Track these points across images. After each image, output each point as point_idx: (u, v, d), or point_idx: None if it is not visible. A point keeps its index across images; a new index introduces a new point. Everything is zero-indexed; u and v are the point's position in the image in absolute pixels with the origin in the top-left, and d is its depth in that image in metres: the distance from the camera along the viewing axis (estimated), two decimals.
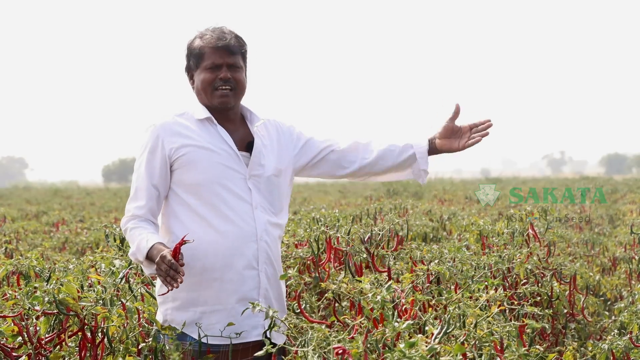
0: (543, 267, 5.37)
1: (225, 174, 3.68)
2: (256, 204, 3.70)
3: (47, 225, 11.83)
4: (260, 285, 3.67)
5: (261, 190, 3.75)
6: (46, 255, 7.44)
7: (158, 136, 3.69)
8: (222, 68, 3.69)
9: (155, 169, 3.68)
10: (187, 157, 3.66)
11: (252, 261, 3.65)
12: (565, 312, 5.22)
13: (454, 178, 46.91)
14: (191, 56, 3.77)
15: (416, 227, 8.05)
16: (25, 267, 4.18)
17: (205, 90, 3.72)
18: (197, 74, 3.75)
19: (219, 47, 3.69)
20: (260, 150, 3.78)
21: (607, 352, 3.70)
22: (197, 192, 3.66)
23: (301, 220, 5.97)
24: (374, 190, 25.45)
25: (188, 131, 3.70)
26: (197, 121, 3.74)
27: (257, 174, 3.74)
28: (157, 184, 3.68)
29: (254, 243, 3.65)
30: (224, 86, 3.70)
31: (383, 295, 2.93)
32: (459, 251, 4.21)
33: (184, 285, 3.55)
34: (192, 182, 3.67)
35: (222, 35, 3.72)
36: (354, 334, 2.95)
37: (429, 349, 2.43)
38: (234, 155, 3.71)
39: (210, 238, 3.62)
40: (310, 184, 44.08)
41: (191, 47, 3.77)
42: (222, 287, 3.60)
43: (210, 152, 3.68)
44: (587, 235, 9.42)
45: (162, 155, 3.67)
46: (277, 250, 3.79)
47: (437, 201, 16.75)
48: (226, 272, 3.59)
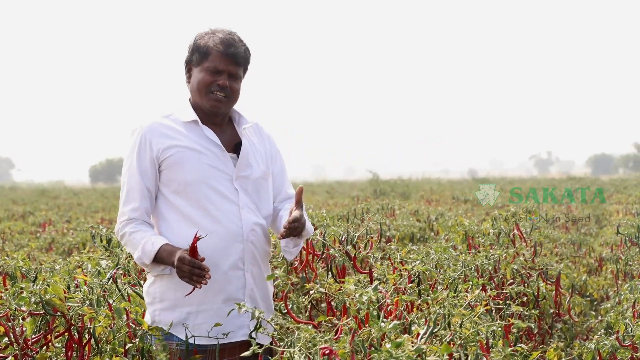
0: (529, 267, 5.39)
1: (212, 175, 3.67)
2: (243, 204, 3.70)
3: (34, 226, 11.80)
4: (246, 285, 3.67)
5: (248, 191, 3.74)
6: (32, 255, 7.41)
7: (145, 137, 3.68)
8: (223, 75, 3.68)
9: (146, 169, 3.68)
10: (174, 158, 3.66)
11: (237, 261, 3.65)
12: (552, 312, 5.24)
13: (441, 178, 47.00)
14: (196, 51, 3.73)
15: (403, 227, 8.07)
16: (11, 268, 4.16)
17: (200, 91, 3.71)
18: (197, 71, 3.73)
19: (228, 54, 3.67)
20: (248, 151, 3.78)
21: (594, 352, 3.72)
22: (184, 193, 3.66)
23: None
24: (360, 190, 25.50)
25: (175, 132, 3.70)
26: (183, 123, 3.74)
27: (245, 175, 3.74)
28: (149, 185, 3.68)
29: (240, 243, 3.65)
30: (220, 92, 3.68)
31: (369, 296, 2.94)
32: (446, 251, 4.21)
33: (171, 285, 3.59)
34: (179, 182, 3.66)
35: (234, 42, 3.70)
36: (339, 335, 2.95)
37: (415, 349, 2.43)
38: (222, 156, 3.71)
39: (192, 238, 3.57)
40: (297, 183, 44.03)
41: (199, 42, 3.73)
42: (208, 287, 3.55)
43: (197, 153, 3.67)
44: (574, 235, 9.45)
45: (151, 156, 3.67)
46: (264, 250, 3.78)
47: (425, 201, 16.78)
48: (212, 273, 3.54)
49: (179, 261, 3.41)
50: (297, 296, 4.67)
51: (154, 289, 3.69)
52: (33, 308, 3.30)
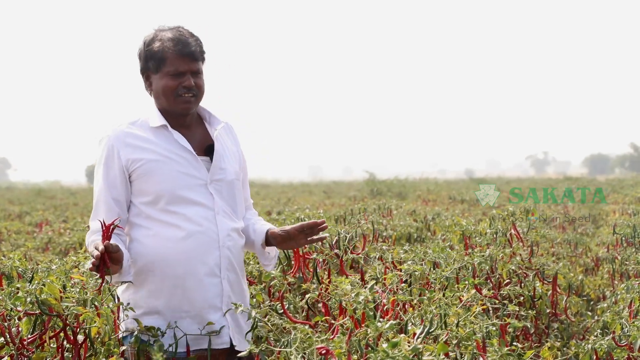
0: (526, 267, 5.39)
1: (185, 182, 3.57)
2: (218, 209, 3.61)
3: (30, 226, 11.78)
4: (223, 292, 3.58)
5: (223, 195, 3.66)
6: (29, 255, 7.40)
7: (113, 147, 3.58)
8: (186, 75, 3.57)
9: (115, 181, 3.57)
10: (144, 168, 3.55)
11: (214, 268, 3.56)
12: (548, 312, 5.24)
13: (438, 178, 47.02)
14: (151, 59, 3.60)
15: (400, 227, 8.06)
16: (8, 268, 4.16)
17: (167, 97, 3.59)
18: (157, 78, 3.60)
19: (184, 54, 3.56)
20: (222, 154, 3.69)
21: (590, 352, 3.72)
22: (157, 202, 3.56)
23: (285, 220, 5.97)
24: (357, 190, 25.50)
25: (143, 141, 3.59)
26: (152, 129, 3.62)
27: (219, 178, 3.65)
28: (117, 197, 3.57)
29: (217, 250, 3.57)
30: (187, 93, 3.58)
31: (366, 296, 2.94)
32: (443, 251, 4.21)
33: (145, 293, 3.53)
34: (151, 193, 3.56)
35: (185, 41, 3.58)
36: (336, 335, 2.95)
37: (412, 349, 2.43)
38: (194, 161, 3.61)
39: (171, 246, 3.52)
40: (294, 184, 44.05)
41: (150, 49, 3.60)
42: (185, 295, 3.51)
43: (168, 161, 3.57)
44: (570, 235, 9.45)
45: (120, 166, 3.56)
46: (240, 256, 3.71)
47: (421, 201, 16.78)
48: (187, 280, 3.51)
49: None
50: (294, 296, 4.67)
51: (127, 295, 3.60)
52: (29, 308, 3.30)
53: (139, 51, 3.65)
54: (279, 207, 14.37)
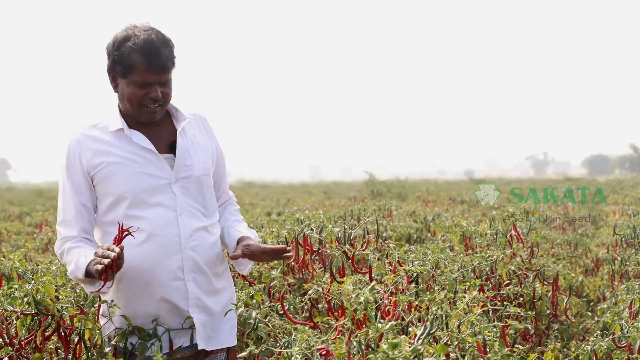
0: (526, 268, 5.39)
1: (146, 183, 3.48)
2: (181, 209, 3.50)
3: (30, 227, 11.77)
4: (189, 295, 3.48)
5: (190, 192, 3.56)
6: (29, 256, 7.41)
7: (74, 152, 3.50)
8: (154, 86, 3.44)
9: (80, 186, 3.50)
10: (104, 171, 3.47)
11: (176, 272, 3.46)
12: (549, 313, 5.24)
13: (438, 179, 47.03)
14: (118, 62, 3.44)
15: (400, 228, 8.07)
16: (8, 269, 4.17)
17: (132, 104, 3.46)
18: (124, 83, 3.46)
19: (153, 67, 3.40)
20: (186, 150, 3.57)
21: (590, 353, 3.72)
22: (119, 206, 3.47)
23: (285, 221, 5.98)
24: (357, 191, 25.50)
25: (103, 144, 3.50)
26: (111, 132, 3.52)
27: (184, 175, 3.55)
28: (85, 202, 3.50)
29: (178, 253, 3.46)
30: (154, 104, 3.46)
31: (366, 297, 2.94)
32: (443, 252, 4.21)
33: (120, 302, 3.47)
34: (112, 196, 3.48)
35: (156, 51, 3.41)
36: (337, 335, 2.95)
37: (412, 350, 2.43)
38: (156, 160, 3.51)
39: (131, 252, 3.36)
40: (294, 184, 44.04)
41: (120, 53, 3.44)
42: (150, 301, 3.45)
43: (129, 162, 3.48)
44: (570, 236, 9.46)
45: (82, 171, 3.49)
46: (210, 254, 3.57)
47: (421, 202, 16.78)
48: (151, 286, 3.44)
49: (99, 247, 3.27)
50: (294, 297, 4.66)
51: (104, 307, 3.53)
52: (25, 308, 3.30)
53: (107, 48, 3.50)
54: (278, 207, 14.36)
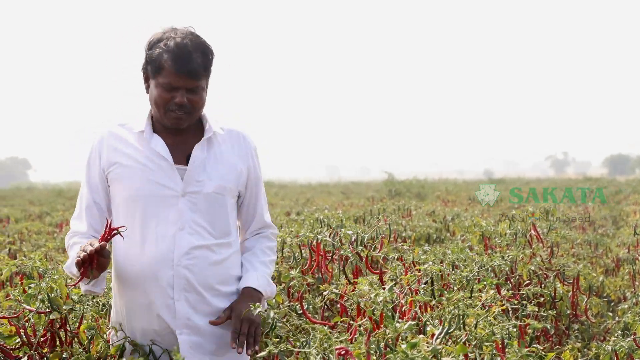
0: (546, 268, 5.37)
1: (154, 192, 3.37)
2: (183, 224, 3.36)
3: (51, 226, 11.82)
4: (177, 315, 3.34)
5: (198, 208, 3.40)
6: (50, 255, 7.43)
7: (96, 149, 3.46)
8: (180, 91, 3.31)
9: (95, 183, 3.45)
10: (117, 172, 3.40)
11: (166, 288, 3.33)
12: (569, 313, 5.22)
13: (457, 179, 46.91)
14: (149, 62, 3.36)
15: (419, 228, 8.06)
16: (28, 268, 4.19)
17: (158, 107, 3.36)
18: (153, 84, 3.36)
19: (181, 72, 3.28)
20: (200, 164, 3.43)
21: (611, 353, 3.69)
22: (124, 210, 3.39)
23: (304, 221, 5.98)
24: (376, 191, 25.47)
25: (123, 144, 3.43)
26: (136, 133, 3.45)
27: (194, 190, 3.39)
28: (99, 200, 3.45)
29: (169, 269, 3.33)
30: (179, 111, 3.33)
31: (385, 297, 2.93)
32: (462, 252, 4.21)
33: (115, 308, 3.46)
34: (120, 199, 3.40)
35: (188, 56, 3.28)
36: (354, 335, 2.94)
37: (431, 349, 2.43)
38: (168, 169, 3.39)
39: (127, 261, 3.37)
40: (312, 184, 44.05)
41: (151, 53, 3.35)
42: (140, 315, 3.38)
43: (142, 168, 3.38)
44: (591, 236, 9.41)
45: (100, 169, 3.43)
46: (212, 274, 3.41)
47: (440, 202, 16.73)
48: (139, 299, 3.36)
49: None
50: (313, 297, 4.67)
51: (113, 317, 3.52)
52: (39, 307, 3.32)
53: (145, 47, 3.41)
54: (297, 207, 14.36)
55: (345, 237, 4.82)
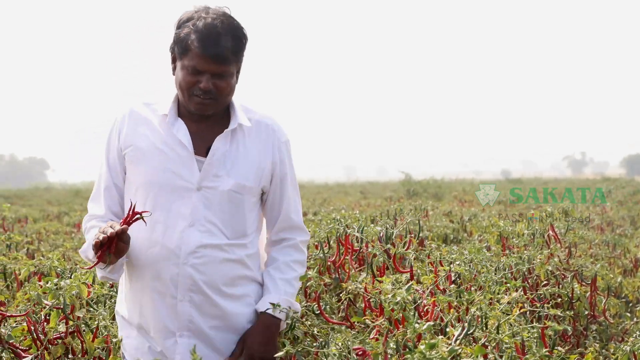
0: (564, 269, 5.35)
1: (168, 181, 3.14)
2: (195, 221, 3.13)
3: (69, 226, 11.86)
4: (179, 316, 3.14)
5: (213, 205, 3.17)
6: (67, 255, 7.46)
7: (117, 127, 3.24)
8: (205, 75, 3.08)
9: (114, 163, 3.23)
10: (133, 155, 3.18)
11: (169, 287, 3.12)
12: (587, 314, 5.20)
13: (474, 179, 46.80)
14: (177, 42, 3.13)
15: (436, 228, 8.04)
16: (46, 268, 4.21)
17: (182, 91, 3.14)
18: (179, 66, 3.14)
19: (207, 55, 3.05)
20: (220, 157, 3.20)
21: (629, 354, 3.68)
22: (137, 197, 3.16)
23: (322, 221, 5.98)
24: (393, 191, 25.45)
25: (146, 126, 3.21)
26: (160, 116, 3.22)
27: (210, 186, 3.16)
28: (118, 182, 3.24)
29: (175, 267, 3.11)
30: (203, 96, 3.10)
31: (404, 296, 2.92)
32: (480, 252, 4.19)
33: (121, 301, 3.30)
34: (134, 184, 3.19)
35: (215, 39, 3.05)
36: (374, 335, 2.94)
37: (449, 350, 2.42)
38: (187, 159, 3.16)
39: (137, 252, 3.16)
40: (329, 184, 44.05)
41: (179, 32, 3.11)
42: (142, 312, 3.18)
43: (158, 153, 3.17)
44: (609, 236, 9.37)
45: (118, 148, 3.21)
46: (222, 275, 3.18)
47: (457, 202, 16.70)
48: (143, 295, 3.17)
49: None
50: (331, 297, 4.66)
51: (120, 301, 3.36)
52: (56, 302, 3.31)
53: (174, 25, 3.18)
54: (314, 207, 14.37)
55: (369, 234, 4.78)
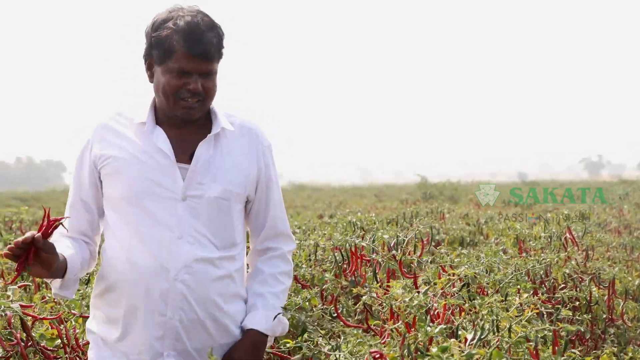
0: (581, 272, 5.33)
1: (151, 192, 2.97)
2: (183, 232, 2.96)
3: None
4: (166, 335, 2.95)
5: (200, 215, 3.00)
6: None
7: (88, 141, 3.08)
8: (193, 76, 2.94)
9: (84, 179, 3.09)
10: (110, 168, 3.01)
11: (159, 304, 2.93)
12: (604, 317, 5.17)
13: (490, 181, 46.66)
14: (156, 47, 2.96)
15: (453, 231, 8.03)
16: None
17: (167, 97, 2.97)
18: (160, 71, 2.97)
19: (195, 54, 2.91)
20: (204, 164, 3.03)
21: None
22: (118, 211, 3.01)
23: (337, 224, 5.98)
24: (409, 194, 25.42)
25: (119, 137, 3.04)
26: (135, 124, 3.05)
27: (195, 194, 2.99)
28: (86, 199, 3.09)
29: (165, 283, 2.93)
30: (192, 99, 2.95)
31: (419, 300, 2.92)
32: (496, 255, 4.18)
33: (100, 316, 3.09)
34: (114, 197, 3.02)
35: (199, 37, 2.91)
36: (387, 339, 2.94)
37: (466, 355, 2.41)
38: (169, 168, 2.99)
39: (120, 268, 2.99)
40: (345, 187, 44.03)
41: (158, 35, 2.95)
42: (126, 331, 2.98)
43: (138, 163, 2.99)
44: (626, 239, 9.32)
45: (90, 163, 3.05)
46: (213, 292, 3.01)
47: (474, 205, 16.66)
48: (128, 314, 2.97)
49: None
50: (347, 299, 4.66)
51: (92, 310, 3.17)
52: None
53: (146, 30, 3.01)
54: (330, 210, 14.36)
55: (379, 240, 4.79)
